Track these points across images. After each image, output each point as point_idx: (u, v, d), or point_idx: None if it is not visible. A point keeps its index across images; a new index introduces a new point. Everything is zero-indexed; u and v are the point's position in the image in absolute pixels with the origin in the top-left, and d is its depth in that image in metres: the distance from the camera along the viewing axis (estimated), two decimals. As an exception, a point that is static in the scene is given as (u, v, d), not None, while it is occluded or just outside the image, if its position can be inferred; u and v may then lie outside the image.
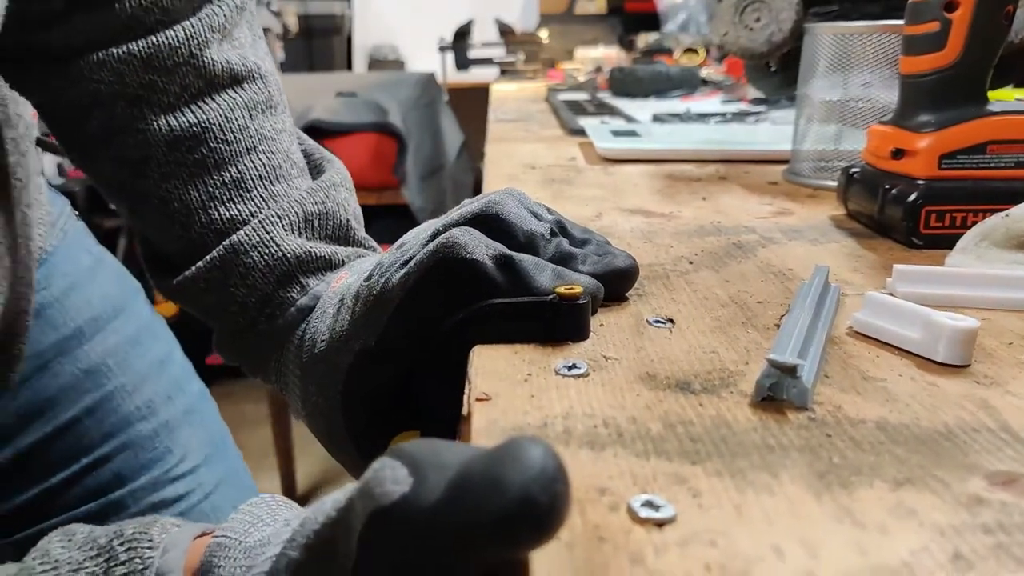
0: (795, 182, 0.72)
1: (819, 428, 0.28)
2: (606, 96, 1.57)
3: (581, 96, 1.57)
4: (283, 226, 0.45)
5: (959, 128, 0.50)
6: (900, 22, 0.53)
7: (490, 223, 0.38)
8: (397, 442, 0.38)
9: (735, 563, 0.21)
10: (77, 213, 0.64)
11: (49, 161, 3.39)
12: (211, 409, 0.71)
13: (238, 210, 0.46)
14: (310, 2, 3.20)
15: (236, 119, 0.46)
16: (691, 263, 0.47)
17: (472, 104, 2.50)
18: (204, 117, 0.46)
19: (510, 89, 1.93)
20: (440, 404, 0.37)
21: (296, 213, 0.45)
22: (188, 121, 0.45)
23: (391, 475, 0.21)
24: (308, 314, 0.44)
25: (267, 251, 0.44)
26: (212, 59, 0.46)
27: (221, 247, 0.45)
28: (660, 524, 0.22)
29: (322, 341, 0.41)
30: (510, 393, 0.31)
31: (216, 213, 0.46)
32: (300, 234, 0.45)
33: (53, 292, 0.59)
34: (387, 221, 2.47)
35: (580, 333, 0.36)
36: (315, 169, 0.51)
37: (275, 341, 0.46)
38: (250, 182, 0.46)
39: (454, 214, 0.39)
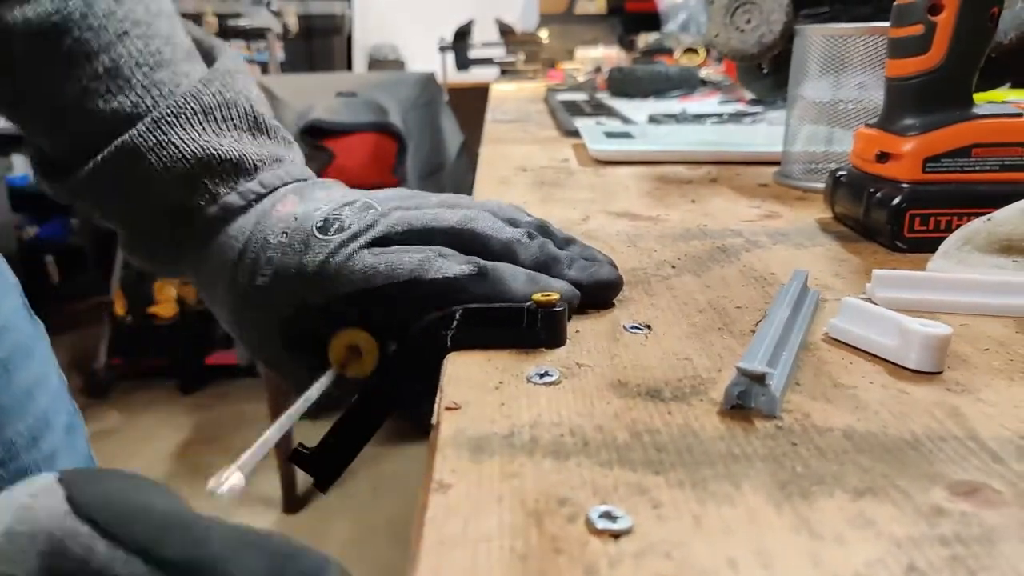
0: (785, 184, 0.72)
1: (785, 437, 0.28)
2: (604, 96, 1.57)
3: (580, 96, 1.57)
4: (180, 125, 0.41)
5: (944, 131, 0.50)
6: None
7: (464, 238, 0.38)
8: (344, 335, 0.39)
9: (688, 575, 0.21)
10: None
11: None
12: (79, 443, 0.61)
13: (119, 102, 0.42)
14: (310, 2, 3.21)
15: (99, 3, 0.42)
16: (673, 267, 0.47)
17: (472, 104, 2.50)
18: (63, 5, 0.41)
19: (510, 89, 1.93)
20: (410, 403, 0.37)
21: (193, 108, 0.42)
22: (46, 10, 0.41)
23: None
24: (221, 225, 0.42)
25: (165, 153, 0.41)
26: None
27: (113, 147, 0.41)
28: (617, 536, 0.22)
29: (263, 276, 0.40)
30: (480, 401, 0.31)
31: (95, 108, 0.42)
32: (204, 130, 0.42)
33: None
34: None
35: (556, 340, 0.36)
36: (205, 57, 0.47)
37: (184, 250, 0.44)
38: (127, 71, 0.42)
39: (428, 214, 0.39)
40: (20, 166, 3.41)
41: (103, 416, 2.32)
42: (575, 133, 1.02)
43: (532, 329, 0.35)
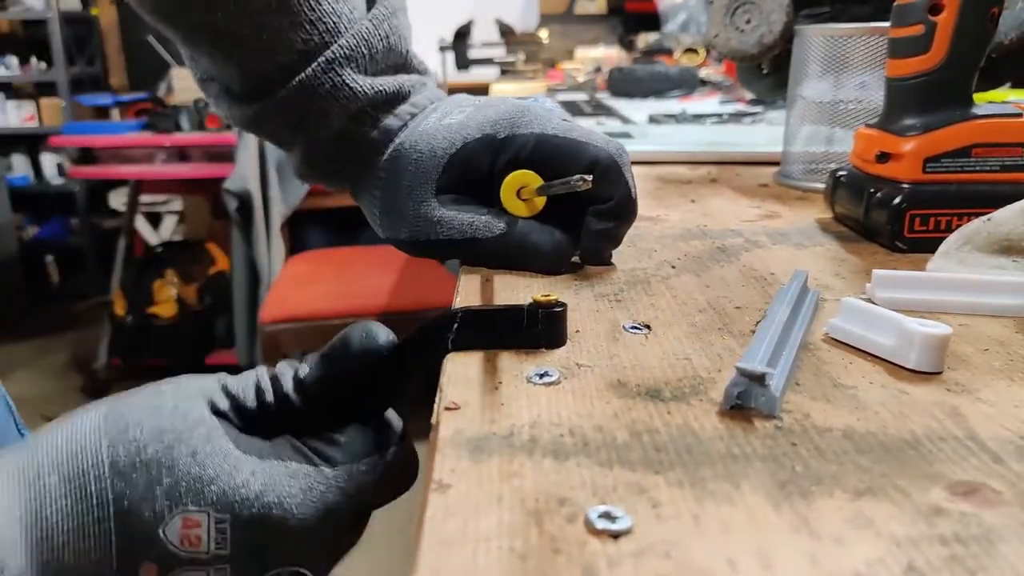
0: (785, 184, 0.72)
1: (785, 437, 0.28)
2: (604, 96, 1.57)
3: (580, 96, 1.57)
4: (352, 68, 0.46)
5: (944, 131, 0.50)
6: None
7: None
8: (509, 181, 0.46)
9: (687, 575, 0.21)
10: None
11: (49, 161, 3.40)
12: None
13: (290, 37, 0.46)
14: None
15: None
16: (673, 267, 0.47)
17: (472, 104, 2.49)
18: None
19: (510, 89, 1.93)
20: (403, 399, 0.37)
21: (363, 52, 0.47)
22: None
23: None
24: (383, 145, 0.49)
25: (341, 95, 0.46)
26: None
27: (292, 86, 0.46)
28: (616, 536, 0.22)
29: (451, 119, 0.48)
30: (480, 401, 0.31)
31: (269, 42, 0.46)
32: (367, 72, 0.47)
33: None
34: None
35: (556, 340, 0.36)
36: None
37: (351, 165, 0.50)
38: (294, 4, 0.45)
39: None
40: (20, 166, 3.41)
41: (103, 416, 2.30)
42: (575, 133, 1.02)
43: (532, 330, 0.35)
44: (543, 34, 2.53)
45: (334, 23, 0.46)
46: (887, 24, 0.53)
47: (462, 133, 0.47)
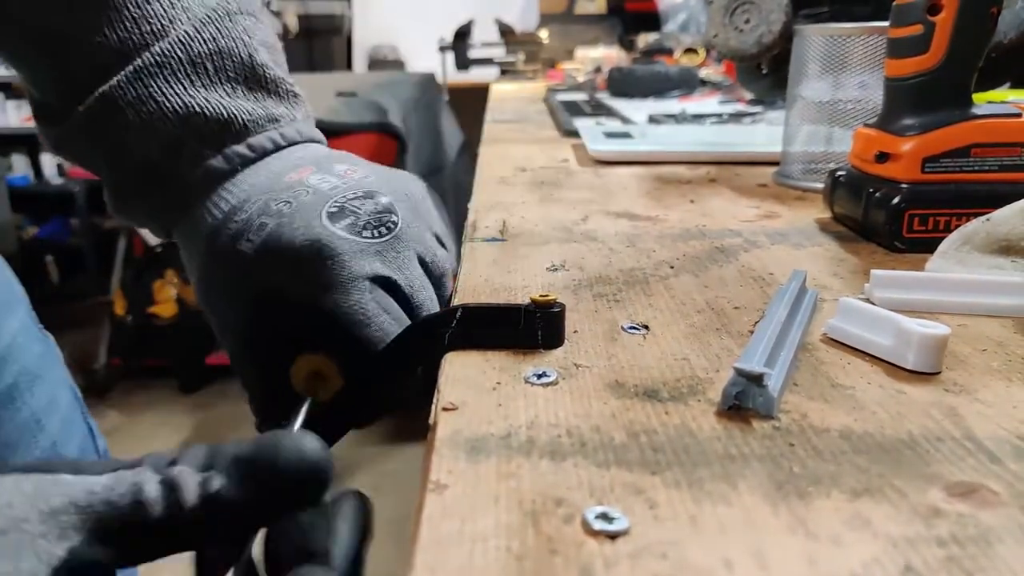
0: (785, 184, 0.72)
1: (783, 437, 0.28)
2: (604, 96, 1.57)
3: (579, 96, 1.57)
4: (164, 76, 0.37)
5: (943, 131, 0.50)
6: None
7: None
8: (300, 364, 0.36)
9: (684, 575, 0.21)
10: None
11: (49, 161, 3.40)
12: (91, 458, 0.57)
13: (107, 35, 0.38)
14: (310, 2, 3.21)
15: None
16: (672, 267, 0.47)
17: (472, 104, 2.50)
18: None
19: (509, 89, 1.93)
20: (396, 394, 0.37)
21: (179, 57, 0.38)
22: None
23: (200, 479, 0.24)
24: (204, 190, 0.39)
25: (145, 110, 0.38)
26: None
27: (95, 97, 0.38)
28: (613, 536, 0.22)
29: (249, 241, 0.37)
30: (477, 402, 0.31)
31: (85, 41, 0.38)
32: (190, 83, 0.38)
33: None
34: None
35: (554, 340, 0.36)
36: None
37: (167, 212, 0.41)
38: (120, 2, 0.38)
39: (414, 273, 0.39)
40: (20, 166, 3.41)
41: (103, 416, 2.31)
42: (575, 133, 1.02)
43: (530, 329, 0.35)
44: (543, 34, 2.53)
45: (161, 25, 0.38)
46: (886, 24, 0.53)
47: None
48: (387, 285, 0.37)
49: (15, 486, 0.22)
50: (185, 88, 0.38)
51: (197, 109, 0.38)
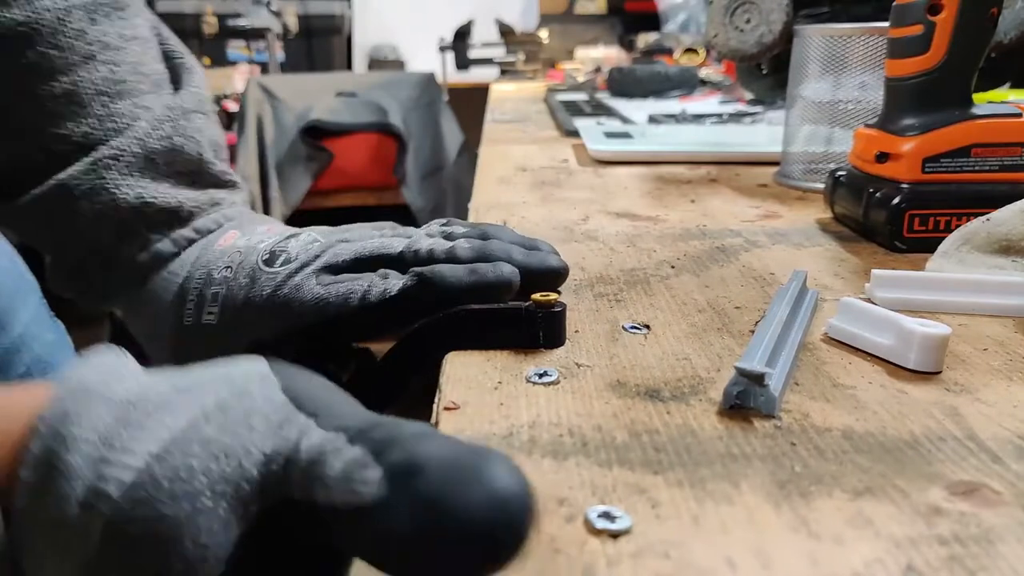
0: (785, 184, 0.72)
1: (784, 437, 0.28)
2: (604, 97, 1.57)
3: (579, 97, 1.57)
4: (119, 170, 0.40)
5: (943, 131, 0.50)
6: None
7: (408, 260, 0.39)
8: None
9: (687, 575, 0.21)
10: None
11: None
12: None
13: (70, 128, 0.41)
14: (310, 2, 3.21)
15: (72, 22, 0.41)
16: (673, 267, 0.47)
17: (472, 104, 2.50)
18: (35, 16, 0.40)
19: (509, 89, 1.93)
20: (396, 397, 0.37)
21: (136, 152, 0.41)
22: (15, 18, 0.40)
23: (364, 477, 0.20)
24: (152, 270, 0.41)
25: (100, 200, 0.40)
26: None
27: (49, 184, 0.40)
28: (615, 535, 0.22)
29: (210, 314, 0.39)
30: (479, 401, 0.31)
31: (45, 130, 0.41)
32: (142, 175, 0.41)
33: None
34: (387, 221, 2.48)
35: (555, 340, 0.36)
36: (176, 79, 0.46)
37: (113, 291, 0.43)
38: (86, 97, 0.41)
39: (373, 242, 0.40)
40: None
41: (103, 416, 2.30)
42: (575, 133, 1.02)
43: (531, 329, 0.35)
44: (543, 34, 2.53)
45: (124, 123, 0.42)
46: (886, 24, 0.53)
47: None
48: (330, 270, 0.39)
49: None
50: (136, 179, 0.41)
51: (148, 199, 0.41)
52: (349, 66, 3.47)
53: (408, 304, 0.36)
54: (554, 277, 0.41)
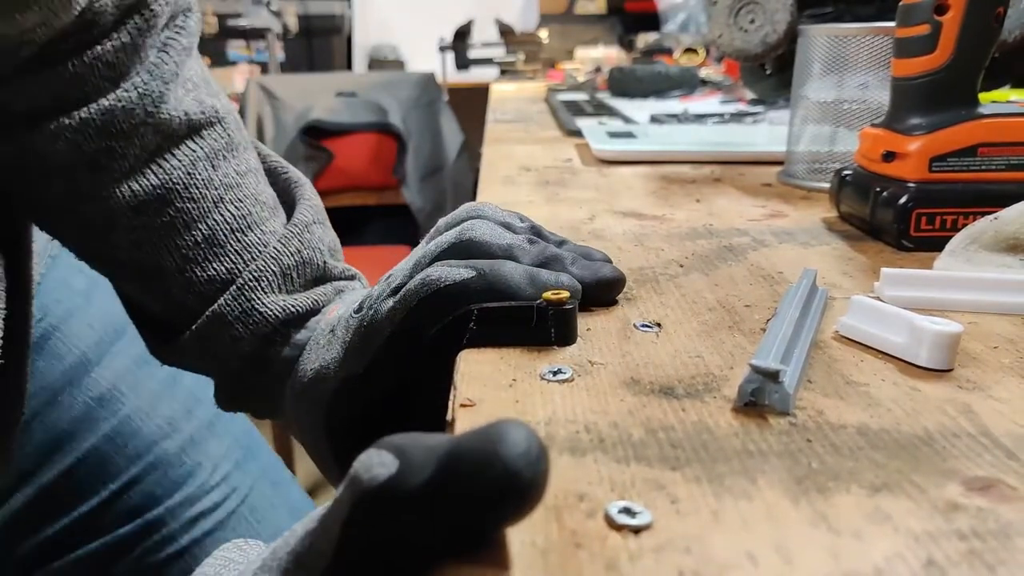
0: (790, 184, 0.72)
1: (800, 433, 0.28)
2: (605, 96, 1.57)
3: (580, 96, 1.57)
4: (262, 289, 0.44)
5: (950, 131, 0.50)
6: (894, 24, 0.53)
7: (468, 249, 0.39)
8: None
9: (709, 569, 0.21)
10: None
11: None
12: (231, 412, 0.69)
13: (215, 269, 0.45)
14: (310, 2, 3.21)
15: (199, 173, 0.45)
16: (681, 266, 0.48)
17: (472, 104, 2.50)
18: (166, 177, 0.44)
19: (510, 89, 1.93)
20: (428, 410, 0.37)
21: (273, 271, 0.45)
22: (151, 184, 0.43)
23: (377, 460, 0.22)
24: (295, 362, 0.45)
25: (251, 320, 0.44)
26: (169, 114, 0.43)
27: (204, 318, 0.44)
28: (637, 531, 0.22)
29: (311, 371, 0.42)
30: (494, 398, 0.31)
31: (192, 275, 0.45)
32: (280, 291, 0.45)
33: (51, 321, 0.59)
34: (387, 221, 2.48)
35: (567, 338, 0.36)
36: (283, 194, 0.50)
37: (267, 390, 0.46)
38: (222, 237, 0.45)
39: (431, 245, 0.40)
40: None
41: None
42: (577, 133, 1.03)
43: (543, 327, 0.36)
44: (543, 34, 2.53)
45: (258, 251, 0.46)
46: (891, 24, 0.53)
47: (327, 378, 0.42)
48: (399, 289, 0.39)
49: None
50: (278, 295, 0.45)
51: (291, 310, 0.45)
52: (349, 66, 3.47)
53: (465, 296, 0.36)
54: (609, 288, 0.41)
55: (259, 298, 0.44)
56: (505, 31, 2.55)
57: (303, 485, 1.93)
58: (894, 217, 0.50)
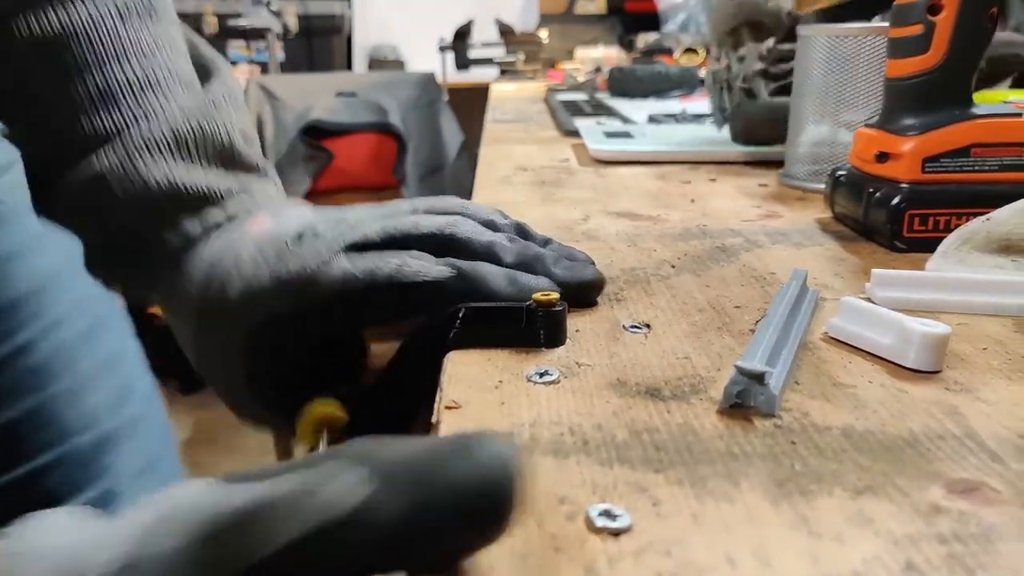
0: (789, 184, 0.72)
1: (784, 435, 0.28)
2: (605, 96, 1.57)
3: (580, 96, 1.57)
4: (149, 152, 0.41)
5: (943, 131, 0.50)
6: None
7: (444, 242, 0.38)
8: (313, 410, 0.37)
9: (687, 572, 0.21)
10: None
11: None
12: (157, 412, 0.66)
13: (102, 121, 0.42)
14: (310, 2, 3.21)
15: (104, 23, 0.42)
16: (673, 267, 0.48)
17: (472, 104, 2.50)
18: (68, 20, 0.42)
19: (509, 89, 1.93)
20: (406, 406, 0.37)
21: (167, 137, 0.42)
22: (52, 24, 0.41)
23: (348, 481, 0.19)
24: (184, 253, 0.42)
25: (132, 184, 0.41)
26: None
27: (81, 169, 0.42)
28: (616, 534, 0.22)
29: (233, 288, 0.39)
30: (480, 400, 0.31)
31: (80, 125, 0.42)
32: (171, 159, 0.42)
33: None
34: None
35: (556, 339, 0.36)
36: (204, 76, 0.47)
37: (147, 278, 0.44)
38: (118, 91, 0.42)
39: (408, 222, 0.39)
40: (20, 166, 3.41)
41: (103, 416, 2.31)
42: (575, 133, 1.02)
43: (532, 328, 0.35)
44: (543, 34, 2.53)
45: (154, 114, 0.43)
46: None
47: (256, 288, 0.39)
48: (360, 247, 0.38)
49: None
50: (168, 165, 0.42)
51: (179, 184, 0.41)
52: (349, 66, 3.47)
53: (441, 295, 0.36)
54: (590, 289, 0.41)
55: (143, 160, 0.41)
56: (505, 31, 2.55)
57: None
58: (887, 218, 0.50)
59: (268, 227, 0.41)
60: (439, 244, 0.38)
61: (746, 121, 0.86)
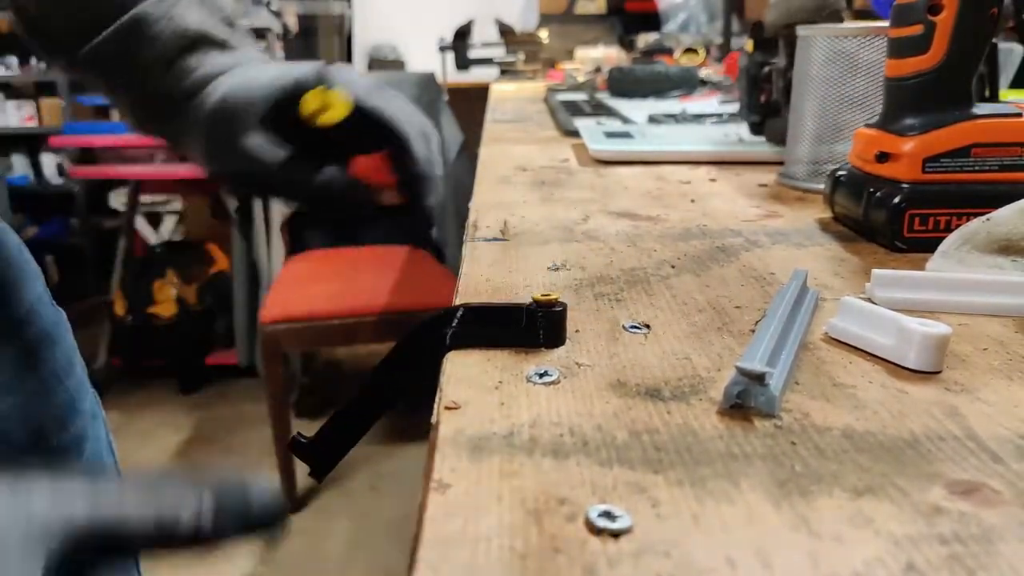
0: (788, 185, 0.72)
1: (784, 436, 0.28)
2: (604, 96, 1.57)
3: (579, 96, 1.57)
4: (185, 4, 0.49)
5: (943, 131, 0.50)
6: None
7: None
8: (307, 98, 0.46)
9: (687, 574, 0.21)
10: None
11: (49, 161, 3.40)
12: (98, 431, 0.63)
13: None
14: (310, 2, 3.21)
15: None
16: (673, 267, 0.47)
17: (472, 104, 2.50)
18: None
19: (509, 89, 1.93)
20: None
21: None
22: None
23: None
24: (205, 86, 0.49)
25: (173, 23, 0.48)
26: None
27: (128, 17, 0.47)
28: (616, 535, 0.22)
29: (244, 91, 0.47)
30: (480, 401, 0.31)
31: None
32: (199, 12, 0.49)
33: None
34: (387, 221, 2.48)
35: (555, 340, 0.36)
36: None
37: (178, 102, 0.50)
38: None
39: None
40: (20, 166, 3.41)
41: (103, 416, 2.31)
42: (575, 133, 1.02)
43: (532, 329, 0.35)
44: (543, 34, 2.53)
45: None
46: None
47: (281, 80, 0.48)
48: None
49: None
50: (198, 14, 0.49)
51: (208, 29, 0.49)
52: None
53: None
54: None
55: (181, 7, 0.48)
56: (505, 31, 2.55)
57: (303, 485, 1.93)
58: (887, 218, 0.50)
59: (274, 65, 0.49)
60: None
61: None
